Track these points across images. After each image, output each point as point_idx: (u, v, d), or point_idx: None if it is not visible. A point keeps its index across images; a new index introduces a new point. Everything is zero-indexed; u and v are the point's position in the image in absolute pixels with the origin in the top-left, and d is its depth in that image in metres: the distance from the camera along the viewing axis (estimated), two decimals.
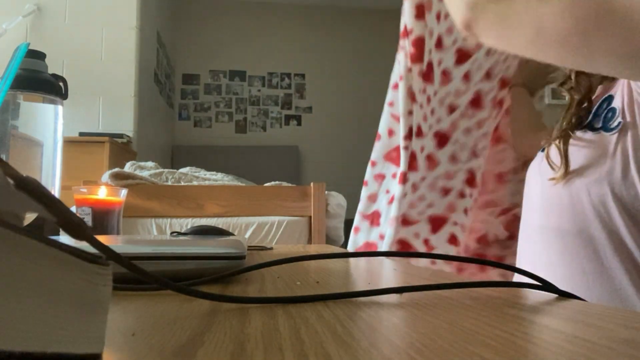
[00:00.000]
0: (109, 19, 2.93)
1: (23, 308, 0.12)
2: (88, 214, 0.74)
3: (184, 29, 4.59)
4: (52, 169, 0.65)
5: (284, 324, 0.21)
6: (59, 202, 0.15)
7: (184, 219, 1.59)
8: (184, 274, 0.35)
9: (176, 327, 0.21)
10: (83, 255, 0.15)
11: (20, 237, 0.12)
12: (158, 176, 1.75)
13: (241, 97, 4.73)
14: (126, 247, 0.38)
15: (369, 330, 0.20)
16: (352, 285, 0.36)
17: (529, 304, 0.27)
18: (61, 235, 0.52)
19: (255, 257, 0.59)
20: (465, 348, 0.17)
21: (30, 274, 0.13)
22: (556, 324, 0.21)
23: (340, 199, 1.84)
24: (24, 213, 0.16)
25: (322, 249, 0.92)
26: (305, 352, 0.17)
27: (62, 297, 0.14)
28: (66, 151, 0.68)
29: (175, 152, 4.38)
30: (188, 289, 0.23)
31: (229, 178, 1.97)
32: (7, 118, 0.62)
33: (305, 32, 4.77)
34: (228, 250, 0.36)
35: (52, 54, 0.78)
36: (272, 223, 1.63)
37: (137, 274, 0.19)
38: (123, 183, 1.54)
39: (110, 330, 0.16)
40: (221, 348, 0.17)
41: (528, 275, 0.34)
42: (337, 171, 4.47)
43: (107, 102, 2.89)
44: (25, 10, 2.78)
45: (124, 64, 2.92)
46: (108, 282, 0.16)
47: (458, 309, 0.26)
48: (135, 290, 0.30)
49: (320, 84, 4.78)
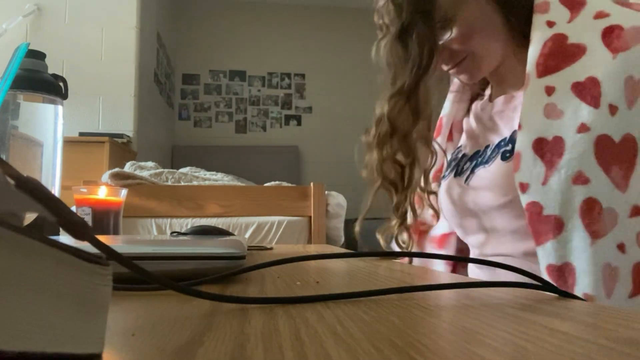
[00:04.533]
0: (109, 19, 2.93)
1: (23, 308, 0.12)
2: (88, 214, 0.74)
3: (184, 29, 4.59)
4: (52, 169, 0.65)
5: (284, 324, 0.21)
6: (60, 202, 0.15)
7: (184, 219, 1.59)
8: (184, 274, 0.35)
9: (176, 327, 0.21)
10: (83, 255, 0.15)
11: (20, 237, 0.12)
12: (158, 176, 1.75)
13: (241, 97, 4.73)
14: (126, 247, 0.38)
15: (369, 330, 0.20)
16: (352, 286, 0.36)
17: (529, 304, 0.27)
18: (61, 235, 0.52)
19: (255, 257, 0.59)
20: (465, 348, 0.17)
21: (30, 274, 0.13)
22: (556, 324, 0.21)
23: (340, 199, 1.84)
24: (24, 213, 0.16)
25: (322, 249, 0.92)
26: (305, 352, 0.17)
27: (62, 297, 0.14)
28: (66, 151, 0.68)
29: (175, 152, 4.38)
30: (188, 289, 0.23)
31: (229, 178, 1.97)
32: (7, 118, 0.62)
33: (305, 32, 4.77)
34: (228, 250, 0.36)
35: (52, 54, 0.78)
36: (272, 223, 1.63)
37: (139, 273, 0.19)
38: (123, 183, 1.54)
39: (110, 330, 0.16)
40: (221, 348, 0.17)
41: (528, 275, 0.34)
42: (337, 171, 4.46)
43: (107, 102, 2.89)
44: (25, 10, 2.78)
45: (124, 64, 2.92)
46: (108, 282, 0.16)
47: (458, 309, 0.26)
48: (135, 290, 0.30)
49: (320, 84, 4.78)
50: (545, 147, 0.56)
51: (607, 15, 0.60)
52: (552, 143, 0.56)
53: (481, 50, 0.68)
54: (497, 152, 0.68)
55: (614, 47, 0.57)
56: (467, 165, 0.74)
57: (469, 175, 0.71)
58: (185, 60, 4.63)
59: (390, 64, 0.70)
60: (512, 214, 0.64)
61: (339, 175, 4.35)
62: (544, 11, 0.64)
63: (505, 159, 0.65)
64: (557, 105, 0.57)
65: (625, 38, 0.57)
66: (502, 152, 0.67)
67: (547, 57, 0.60)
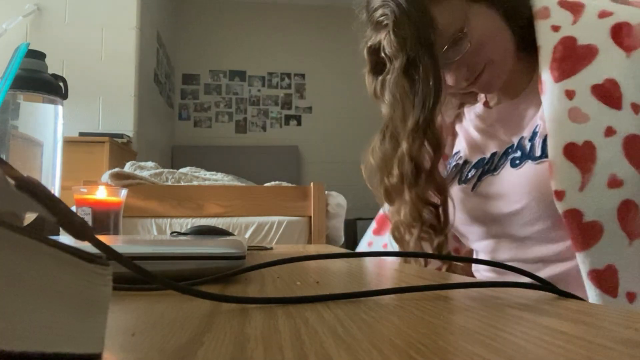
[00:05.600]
0: (109, 20, 2.93)
1: (23, 308, 0.12)
2: (88, 214, 0.74)
3: (184, 29, 4.59)
4: (52, 169, 0.65)
5: (284, 324, 0.21)
6: (60, 202, 0.15)
7: (184, 219, 1.59)
8: (184, 274, 0.35)
9: (176, 327, 0.21)
10: (83, 255, 0.15)
11: (20, 237, 0.12)
12: (158, 176, 1.75)
13: (241, 97, 4.72)
14: (126, 247, 0.38)
15: (369, 330, 0.20)
16: (352, 286, 0.36)
17: (529, 304, 0.27)
18: (61, 235, 0.52)
19: (255, 257, 0.59)
20: (465, 348, 0.17)
21: (30, 274, 0.13)
22: (556, 324, 0.21)
23: (340, 199, 1.84)
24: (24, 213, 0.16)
25: (322, 249, 0.92)
26: (305, 352, 0.17)
27: (62, 297, 0.13)
28: (66, 151, 0.68)
29: (175, 152, 4.37)
30: (188, 289, 0.23)
31: (229, 178, 1.97)
32: (7, 118, 0.62)
33: (305, 32, 4.77)
34: (228, 250, 0.36)
35: (52, 54, 0.78)
36: (272, 223, 1.63)
37: (139, 273, 0.19)
38: (123, 183, 1.54)
39: (110, 330, 0.16)
40: (221, 348, 0.17)
41: (528, 275, 0.34)
42: (337, 171, 4.47)
43: (107, 102, 2.89)
44: (25, 10, 2.77)
45: (124, 64, 2.92)
46: (108, 282, 0.16)
47: (458, 309, 0.26)
48: (135, 290, 0.30)
49: (320, 84, 4.78)
50: (578, 152, 0.56)
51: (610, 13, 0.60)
52: (584, 148, 0.55)
53: (497, 56, 0.67)
54: (505, 160, 0.67)
55: (627, 46, 0.57)
56: (471, 172, 0.72)
57: (476, 183, 0.70)
58: (185, 60, 4.63)
59: (398, 100, 0.67)
60: (522, 221, 0.63)
61: (339, 175, 4.35)
62: (546, 16, 0.63)
63: (515, 166, 0.65)
64: (581, 109, 0.57)
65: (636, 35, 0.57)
66: (510, 159, 0.66)
67: (560, 61, 0.59)
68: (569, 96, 0.58)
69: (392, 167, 0.70)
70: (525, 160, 0.63)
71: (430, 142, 0.67)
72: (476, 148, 0.75)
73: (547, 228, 0.61)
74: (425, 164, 0.68)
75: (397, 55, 0.65)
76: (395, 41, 0.64)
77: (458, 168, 0.76)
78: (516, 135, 0.68)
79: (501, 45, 0.67)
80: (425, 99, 0.64)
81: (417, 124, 0.65)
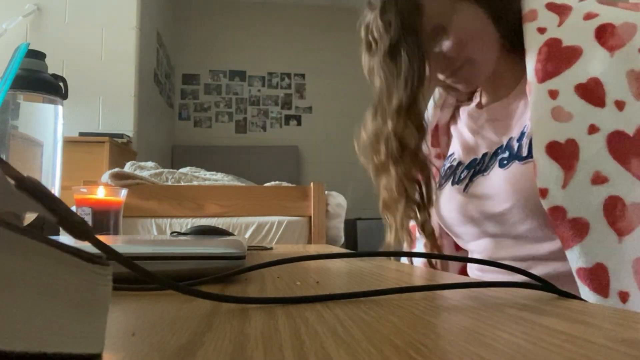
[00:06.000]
0: (109, 19, 2.93)
1: (23, 308, 0.12)
2: (88, 214, 0.74)
3: (184, 29, 4.59)
4: (52, 169, 0.65)
5: (284, 324, 0.21)
6: (60, 202, 0.15)
7: (184, 219, 1.59)
8: (184, 274, 0.35)
9: (176, 327, 0.21)
10: (83, 255, 0.15)
11: (20, 237, 0.12)
12: (158, 176, 1.75)
13: (241, 97, 4.72)
14: (126, 247, 0.38)
15: (368, 330, 0.20)
16: (352, 286, 0.36)
17: (529, 304, 0.27)
18: (61, 235, 0.52)
19: (255, 257, 0.59)
20: (465, 348, 0.17)
21: (30, 274, 0.13)
22: (556, 324, 0.21)
23: (340, 199, 1.84)
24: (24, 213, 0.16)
25: (322, 249, 0.92)
26: (305, 352, 0.17)
27: (62, 297, 0.14)
28: (66, 151, 0.68)
29: (175, 152, 4.37)
30: (188, 289, 0.23)
31: (229, 178, 1.97)
32: (7, 118, 0.62)
33: (305, 32, 4.77)
34: (228, 250, 0.36)
35: (52, 54, 0.78)
36: (272, 223, 1.63)
37: (139, 273, 0.19)
38: (123, 183, 1.54)
39: (110, 330, 0.16)
40: (221, 348, 0.17)
41: (528, 275, 0.34)
42: (337, 171, 4.46)
43: (107, 102, 2.89)
44: (25, 10, 2.78)
45: (124, 64, 2.92)
46: (108, 282, 0.16)
47: (458, 309, 0.26)
48: (135, 290, 0.30)
49: (320, 84, 4.78)
50: (560, 150, 0.56)
51: (596, 15, 0.61)
52: (567, 146, 0.56)
53: (477, 56, 0.68)
54: (494, 160, 0.68)
55: (610, 46, 0.57)
56: (464, 173, 0.74)
57: (468, 184, 0.71)
58: (185, 60, 4.63)
59: (383, 80, 0.70)
60: (512, 221, 0.64)
61: (339, 175, 4.35)
62: (533, 19, 0.64)
63: (503, 167, 0.65)
64: (563, 108, 0.57)
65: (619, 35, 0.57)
66: (499, 159, 0.67)
67: (544, 62, 0.60)
68: (552, 96, 0.58)
69: (380, 143, 0.74)
70: (513, 160, 0.64)
71: (413, 123, 0.70)
72: (469, 149, 0.76)
73: (537, 227, 0.61)
74: (409, 142, 0.71)
75: (382, 38, 0.68)
76: (381, 25, 0.67)
77: (452, 169, 0.77)
78: (506, 136, 0.69)
79: (484, 45, 0.68)
80: (407, 81, 0.67)
81: (400, 105, 0.68)
